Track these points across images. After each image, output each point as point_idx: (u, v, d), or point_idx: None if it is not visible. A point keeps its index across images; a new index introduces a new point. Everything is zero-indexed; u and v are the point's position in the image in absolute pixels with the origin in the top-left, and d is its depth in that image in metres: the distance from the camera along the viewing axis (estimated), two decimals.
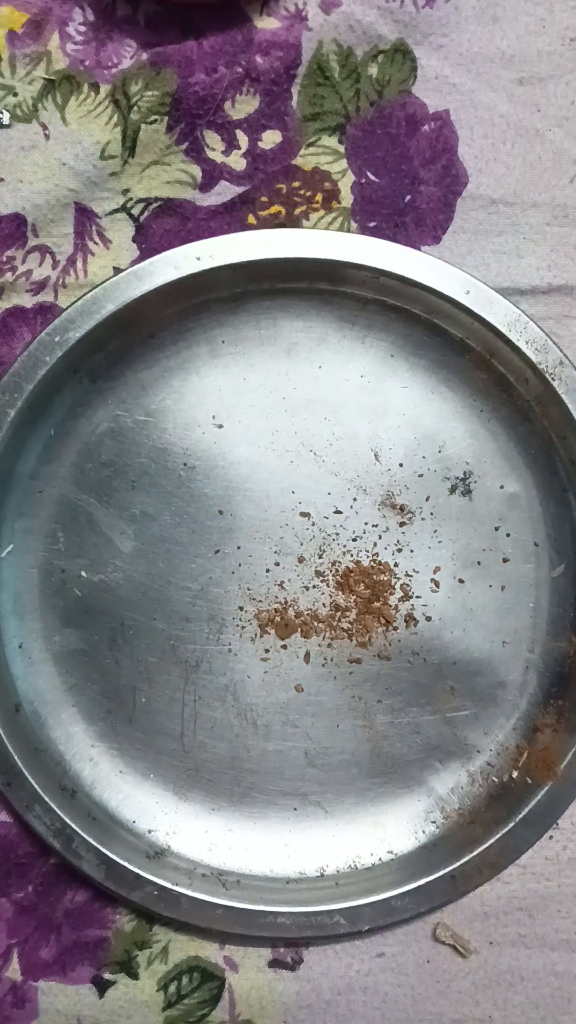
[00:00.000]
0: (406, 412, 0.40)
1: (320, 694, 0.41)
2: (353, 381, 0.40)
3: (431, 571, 0.40)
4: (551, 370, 0.38)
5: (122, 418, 0.40)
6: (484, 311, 0.38)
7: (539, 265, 0.40)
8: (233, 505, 0.40)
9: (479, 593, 0.41)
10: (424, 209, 0.40)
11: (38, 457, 0.39)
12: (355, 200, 0.40)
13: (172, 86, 0.39)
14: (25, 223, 0.39)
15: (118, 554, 0.40)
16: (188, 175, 0.40)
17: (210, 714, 0.41)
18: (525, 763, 0.40)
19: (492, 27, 0.40)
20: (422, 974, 0.41)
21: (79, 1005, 0.41)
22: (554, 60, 0.40)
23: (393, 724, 0.41)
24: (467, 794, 0.41)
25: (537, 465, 0.40)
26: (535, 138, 0.40)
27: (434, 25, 0.39)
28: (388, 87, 0.40)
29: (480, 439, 0.40)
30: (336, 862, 0.41)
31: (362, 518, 0.40)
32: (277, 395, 0.40)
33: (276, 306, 0.40)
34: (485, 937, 0.41)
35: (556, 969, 0.42)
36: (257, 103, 0.39)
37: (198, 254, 0.37)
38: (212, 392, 0.40)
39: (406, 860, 0.41)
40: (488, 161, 0.40)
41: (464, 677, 0.41)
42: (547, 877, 0.41)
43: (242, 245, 0.38)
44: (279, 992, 0.41)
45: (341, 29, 0.39)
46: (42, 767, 0.39)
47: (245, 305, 0.39)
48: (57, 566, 0.40)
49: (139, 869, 0.39)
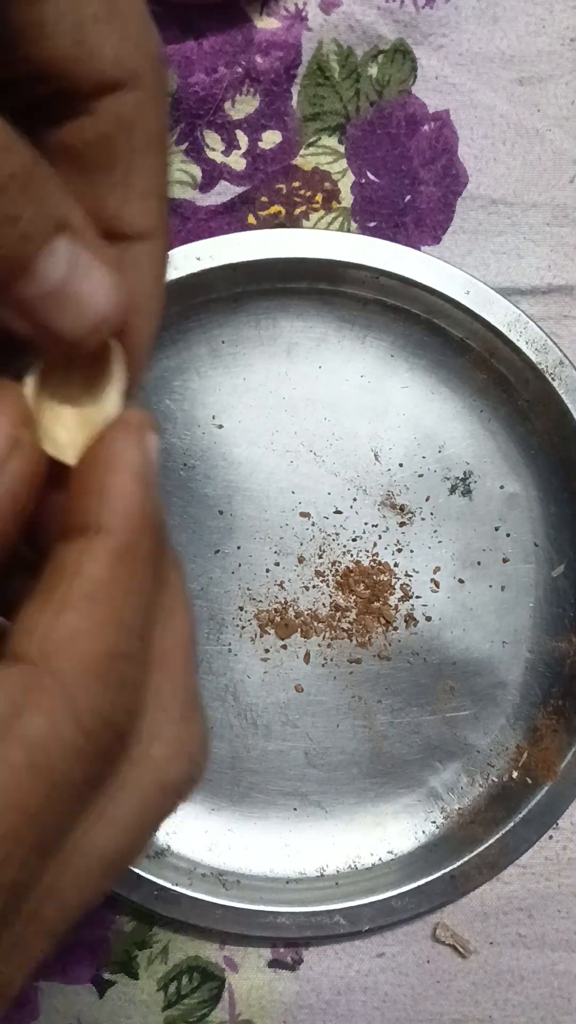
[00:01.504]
0: (406, 412, 0.40)
1: (320, 694, 0.41)
2: (353, 381, 0.40)
3: (431, 571, 0.40)
4: (551, 370, 0.38)
5: None
6: (484, 311, 0.38)
7: (539, 265, 0.40)
8: (233, 505, 0.40)
9: (479, 593, 0.41)
10: (424, 209, 0.40)
11: None
12: (355, 200, 0.40)
13: (172, 86, 0.39)
14: None
15: None
16: (188, 175, 0.40)
17: (210, 714, 0.41)
18: (525, 763, 0.40)
19: (492, 27, 0.40)
20: (422, 974, 0.41)
21: (79, 1005, 0.41)
22: (554, 60, 0.40)
23: (393, 724, 0.41)
24: (467, 794, 0.41)
25: (537, 465, 0.40)
26: (535, 138, 0.40)
27: (434, 25, 0.39)
28: (388, 87, 0.40)
29: (480, 439, 0.40)
30: (336, 862, 0.41)
31: (362, 518, 0.40)
32: (277, 395, 0.40)
33: (276, 306, 0.40)
34: (485, 937, 0.41)
35: (556, 969, 0.42)
36: (257, 103, 0.39)
37: (198, 254, 0.37)
38: (212, 392, 0.40)
39: (406, 860, 0.41)
40: (488, 161, 0.40)
41: (464, 677, 0.41)
42: (547, 877, 0.41)
43: (242, 245, 0.38)
44: (279, 992, 0.41)
45: (341, 29, 0.39)
46: None
47: (245, 305, 0.39)
48: None
49: (139, 869, 0.39)
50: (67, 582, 0.17)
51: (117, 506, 0.18)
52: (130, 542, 0.18)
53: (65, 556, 0.18)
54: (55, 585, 0.18)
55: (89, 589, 0.17)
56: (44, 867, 0.16)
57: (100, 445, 0.20)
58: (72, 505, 0.19)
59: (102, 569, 0.18)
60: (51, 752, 0.16)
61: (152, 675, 0.19)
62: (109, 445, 0.19)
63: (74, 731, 0.16)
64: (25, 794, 0.15)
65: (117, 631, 0.17)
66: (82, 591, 0.17)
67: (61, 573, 0.18)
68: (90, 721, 0.16)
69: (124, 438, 0.20)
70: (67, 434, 0.20)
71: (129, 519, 0.18)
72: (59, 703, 0.16)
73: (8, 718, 0.16)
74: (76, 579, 0.17)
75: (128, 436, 0.20)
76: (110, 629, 0.17)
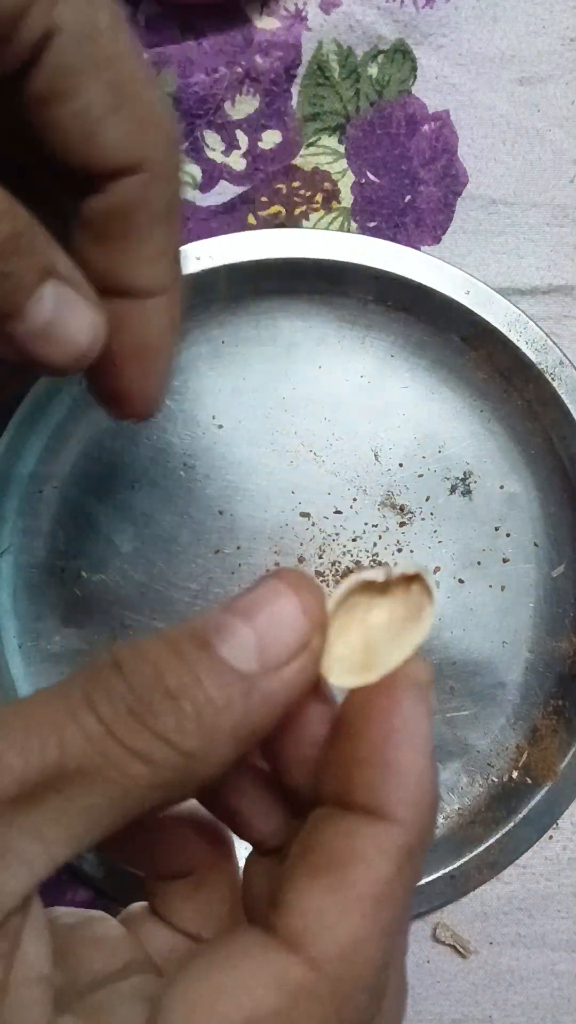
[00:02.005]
0: (406, 412, 0.40)
1: None
2: (353, 381, 0.40)
3: (431, 571, 0.40)
4: (551, 370, 0.38)
5: None
6: (484, 311, 0.38)
7: (539, 265, 0.40)
8: (233, 505, 0.40)
9: (479, 593, 0.41)
10: (424, 209, 0.40)
11: (38, 457, 0.39)
12: (355, 200, 0.40)
13: (172, 86, 0.39)
14: None
15: (118, 554, 0.40)
16: (188, 175, 0.40)
17: None
18: (525, 763, 0.40)
19: (492, 27, 0.40)
20: (422, 974, 0.41)
21: None
22: (554, 60, 0.40)
23: None
24: (467, 794, 0.41)
25: (537, 465, 0.40)
26: (535, 138, 0.40)
27: (434, 25, 0.39)
28: (388, 87, 0.40)
29: (480, 439, 0.40)
30: None
31: (362, 518, 0.40)
32: (277, 395, 0.40)
33: (276, 306, 0.40)
34: (485, 937, 0.41)
35: (556, 969, 0.42)
36: (257, 103, 0.39)
37: (198, 254, 0.37)
38: (212, 392, 0.40)
39: None
40: (488, 161, 0.40)
41: (464, 677, 0.41)
42: (547, 877, 0.41)
43: (242, 245, 0.38)
44: None
45: (341, 29, 0.39)
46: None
47: (245, 305, 0.39)
48: (57, 566, 0.40)
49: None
50: (355, 874, 0.17)
51: (411, 795, 0.17)
52: (419, 839, 0.18)
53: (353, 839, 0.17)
54: (340, 869, 0.17)
55: (378, 892, 0.17)
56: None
57: (386, 701, 0.18)
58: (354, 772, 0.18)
59: (393, 868, 0.17)
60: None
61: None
62: (399, 705, 0.18)
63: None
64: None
65: (391, 939, 0.17)
66: (371, 892, 0.17)
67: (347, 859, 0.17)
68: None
69: (416, 700, 0.18)
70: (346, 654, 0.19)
71: (421, 812, 0.18)
72: (331, 1016, 0.16)
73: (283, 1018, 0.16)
74: (366, 874, 0.17)
75: (420, 701, 0.18)
76: (388, 938, 0.17)
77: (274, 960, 0.16)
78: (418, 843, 0.17)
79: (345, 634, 0.19)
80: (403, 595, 0.20)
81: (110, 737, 0.17)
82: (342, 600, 0.19)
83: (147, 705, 0.17)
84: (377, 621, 0.20)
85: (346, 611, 0.19)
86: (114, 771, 0.17)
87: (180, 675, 0.17)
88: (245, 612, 0.18)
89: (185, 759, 0.17)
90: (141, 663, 0.18)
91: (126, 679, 0.17)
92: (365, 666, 0.19)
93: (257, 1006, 0.16)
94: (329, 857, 0.17)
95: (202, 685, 0.17)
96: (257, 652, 0.18)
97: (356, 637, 0.19)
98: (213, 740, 0.17)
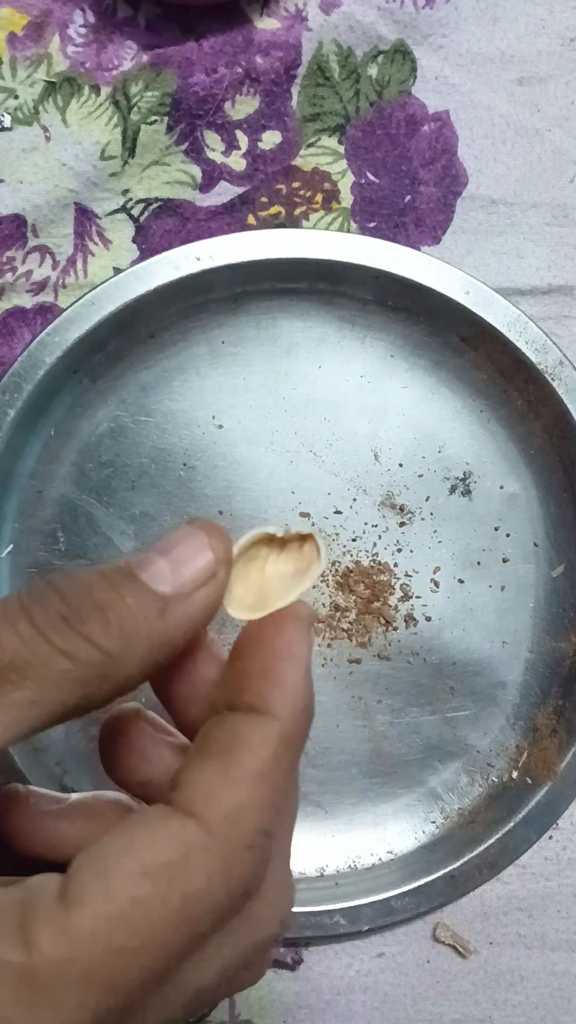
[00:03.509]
0: (406, 412, 0.40)
1: (320, 694, 0.41)
2: (353, 381, 0.40)
3: (431, 571, 0.40)
4: (551, 370, 0.38)
5: (122, 418, 0.40)
6: (484, 311, 0.38)
7: (539, 265, 0.40)
8: (233, 505, 0.40)
9: (479, 593, 0.41)
10: (424, 209, 0.40)
11: (38, 457, 0.39)
12: (355, 200, 0.40)
13: (172, 87, 0.39)
14: (25, 224, 0.39)
15: (118, 554, 0.40)
16: (188, 175, 0.40)
17: None
18: (525, 763, 0.40)
19: (492, 27, 0.40)
20: (422, 974, 0.41)
21: None
22: (554, 60, 0.40)
23: (393, 724, 0.41)
24: (467, 794, 0.41)
25: (537, 465, 0.40)
26: (535, 138, 0.40)
27: (434, 25, 0.39)
28: (388, 87, 0.40)
29: (480, 439, 0.40)
30: (336, 862, 0.41)
31: (362, 518, 0.40)
32: (277, 395, 0.40)
33: (276, 306, 0.40)
34: (485, 937, 0.41)
35: (556, 969, 0.42)
36: (257, 103, 0.39)
37: (198, 254, 0.37)
38: (212, 392, 0.40)
39: (406, 860, 0.41)
40: (488, 161, 0.40)
41: (464, 677, 0.41)
42: (547, 877, 0.41)
43: (242, 245, 0.38)
44: (279, 992, 0.41)
45: (341, 29, 0.39)
46: (42, 767, 0.39)
47: (245, 305, 0.39)
48: (57, 566, 0.40)
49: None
50: (239, 755, 0.20)
51: (288, 697, 0.21)
52: (295, 732, 0.21)
53: (239, 730, 0.21)
54: (227, 752, 0.20)
55: (259, 768, 0.20)
56: (154, 993, 0.19)
57: (273, 630, 0.23)
58: (243, 681, 0.22)
59: (271, 752, 0.20)
60: (200, 906, 0.19)
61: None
62: (282, 633, 0.22)
63: (222, 893, 0.19)
64: (170, 934, 0.18)
65: (272, 810, 0.20)
66: (253, 768, 0.20)
67: (233, 745, 0.20)
68: (236, 887, 0.19)
69: (296, 630, 0.23)
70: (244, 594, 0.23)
71: (297, 711, 0.21)
72: (219, 868, 0.19)
73: (179, 867, 0.19)
74: (248, 755, 0.20)
75: (300, 629, 0.23)
76: (268, 808, 0.20)
77: (172, 823, 0.19)
78: (294, 734, 0.21)
79: (245, 579, 0.24)
80: (297, 553, 0.24)
81: (41, 638, 0.20)
82: (245, 548, 0.24)
83: (77, 613, 0.20)
84: (273, 572, 0.24)
85: (248, 560, 0.24)
86: (44, 668, 0.20)
87: (107, 592, 0.21)
88: (163, 549, 0.22)
89: (105, 657, 0.20)
90: (74, 583, 0.21)
91: (60, 594, 0.21)
92: (258, 606, 0.23)
93: (157, 857, 0.18)
94: (219, 745, 0.21)
95: (124, 601, 0.21)
96: (172, 578, 0.22)
97: (254, 582, 0.24)
98: (130, 645, 0.21)
